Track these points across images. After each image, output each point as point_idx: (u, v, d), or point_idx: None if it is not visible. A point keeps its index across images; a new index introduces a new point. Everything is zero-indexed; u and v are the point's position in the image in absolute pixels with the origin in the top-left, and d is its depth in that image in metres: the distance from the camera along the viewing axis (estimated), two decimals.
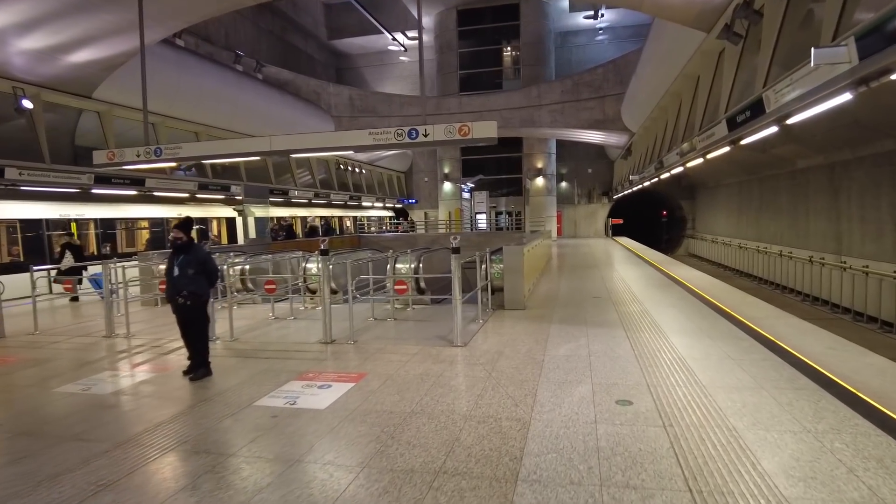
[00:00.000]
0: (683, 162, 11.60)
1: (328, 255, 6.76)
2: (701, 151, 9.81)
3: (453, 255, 6.37)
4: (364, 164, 30.17)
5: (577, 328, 7.22)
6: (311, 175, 25.12)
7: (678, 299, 9.37)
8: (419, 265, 9.44)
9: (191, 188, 16.93)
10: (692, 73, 12.27)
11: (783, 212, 19.22)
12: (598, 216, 34.15)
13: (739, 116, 7.21)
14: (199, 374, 5.55)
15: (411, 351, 6.27)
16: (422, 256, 9.56)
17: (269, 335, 7.61)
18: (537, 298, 9.91)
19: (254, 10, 30.02)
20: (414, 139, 7.88)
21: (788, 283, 17.62)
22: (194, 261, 5.58)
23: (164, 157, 9.19)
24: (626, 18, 32.98)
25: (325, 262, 6.75)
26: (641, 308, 8.55)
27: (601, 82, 23.90)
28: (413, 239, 22.80)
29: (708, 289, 10.37)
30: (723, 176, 25.85)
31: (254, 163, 21.32)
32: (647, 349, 6.02)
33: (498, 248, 9.12)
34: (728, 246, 24.74)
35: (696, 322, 7.37)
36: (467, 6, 30.79)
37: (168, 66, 15.78)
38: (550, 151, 32.21)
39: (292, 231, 20.20)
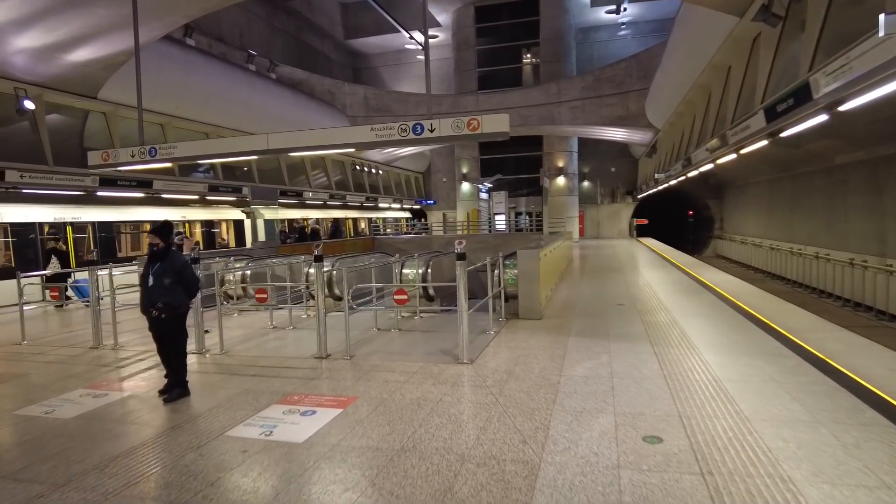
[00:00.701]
0: (714, 158, 10.79)
1: (321, 262, 6.18)
2: (734, 146, 9.01)
3: (458, 261, 5.73)
4: (381, 164, 29.70)
5: (598, 342, 6.52)
6: (327, 176, 24.70)
7: (709, 307, 8.59)
8: (427, 270, 8.82)
9: (201, 190, 16.58)
10: (722, 64, 11.44)
11: (818, 211, 18.15)
12: (622, 216, 33.15)
13: (780, 105, 6.44)
14: (174, 394, 5.01)
15: (411, 368, 5.64)
16: (430, 261, 8.95)
17: (262, 347, 7.06)
18: (555, 306, 9.21)
19: (268, 10, 29.78)
20: (419, 135, 7.27)
21: (825, 286, 16.58)
22: (171, 269, 5.04)
23: (160, 158, 8.72)
24: (650, 13, 31.97)
25: (319, 268, 6.16)
26: (669, 318, 7.81)
27: (623, 77, 23.01)
28: (428, 241, 22.21)
29: (740, 295, 9.55)
30: (752, 174, 24.75)
31: (267, 164, 20.96)
32: (677, 368, 5.31)
33: (512, 252, 8.45)
34: (758, 247, 23.63)
35: (730, 335, 6.61)
36: (485, 2, 30.12)
37: (175, 66, 15.43)
38: (572, 150, 31.35)
39: (305, 233, 19.75)
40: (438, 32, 34.69)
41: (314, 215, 24.61)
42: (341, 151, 25.03)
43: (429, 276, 8.79)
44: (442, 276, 9.11)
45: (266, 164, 21.11)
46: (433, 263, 8.97)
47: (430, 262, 8.87)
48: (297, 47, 32.91)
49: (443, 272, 9.63)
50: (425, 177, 38.29)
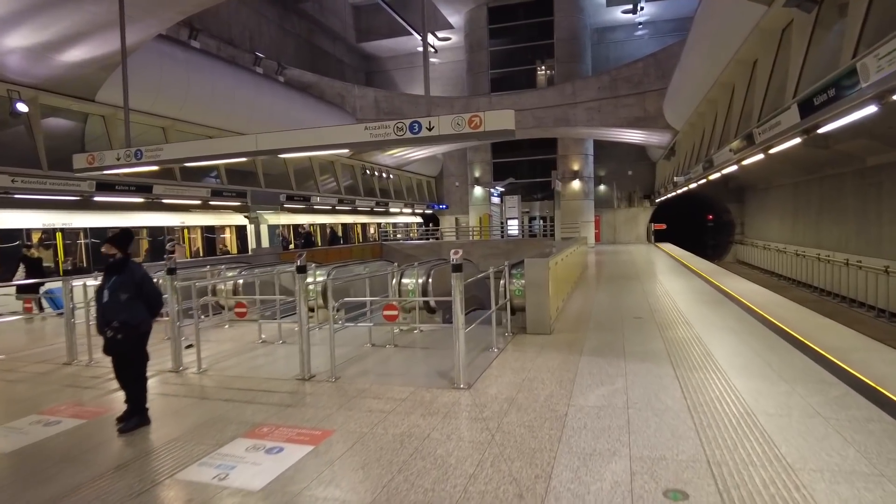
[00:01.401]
0: (738, 159, 10.04)
1: (304, 272, 5.59)
2: (761, 146, 8.27)
3: (454, 273, 5.11)
4: (392, 168, 29.20)
5: (613, 362, 5.84)
6: (336, 181, 24.24)
7: (735, 321, 7.85)
8: (428, 280, 8.21)
9: (203, 194, 16.17)
10: (747, 58, 10.69)
11: (849, 215, 17.21)
12: (640, 221, 32.26)
13: (818, 97, 5.73)
14: (132, 424, 4.45)
15: (401, 394, 5.02)
16: (432, 270, 8.32)
17: (244, 365, 6.49)
18: (567, 318, 8.53)
19: (279, 13, 29.51)
20: (416, 134, 6.68)
21: (857, 295, 15.63)
22: (129, 283, 4.49)
23: (145, 160, 8.24)
24: (668, 12, 31.14)
25: (302, 280, 5.57)
26: (691, 333, 7.09)
27: (641, 77, 22.24)
28: (437, 247, 21.61)
29: (769, 307, 8.78)
30: (775, 176, 23.79)
31: (274, 168, 20.55)
32: (703, 397, 4.62)
33: (519, 260, 7.80)
34: (783, 253, 22.64)
35: (762, 354, 5.89)
36: (498, 3, 29.55)
37: (178, 67, 15.05)
38: (587, 153, 30.58)
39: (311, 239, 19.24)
40: (451, 34, 34.21)
41: (322, 220, 24.16)
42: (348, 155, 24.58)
43: (430, 286, 8.17)
44: (445, 286, 8.43)
45: (273, 168, 20.70)
46: (435, 272, 8.34)
47: (431, 272, 8.26)
48: (308, 50, 32.62)
49: (446, 282, 8.98)
50: (438, 181, 37.73)
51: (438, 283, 8.43)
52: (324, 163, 23.51)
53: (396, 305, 5.69)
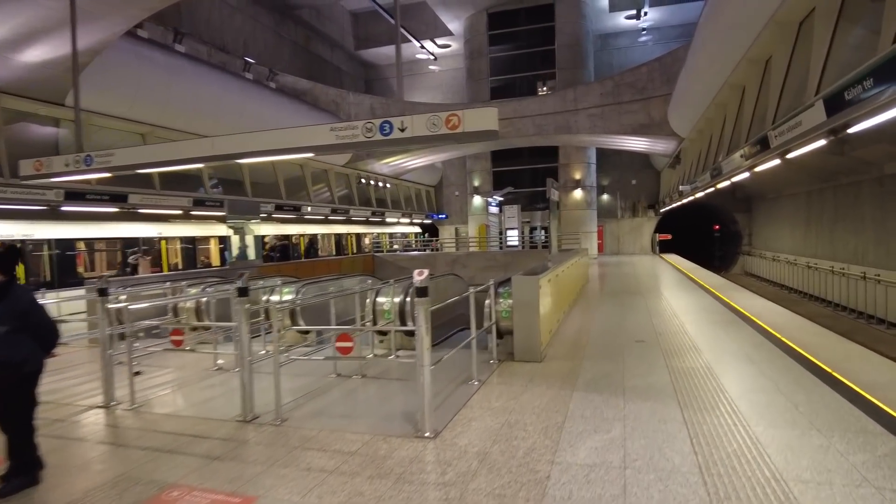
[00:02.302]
0: (751, 166, 9.17)
1: (246, 294, 4.76)
2: (778, 150, 7.42)
3: (418, 298, 4.27)
4: (389, 177, 28.46)
5: (611, 401, 4.97)
6: (329, 190, 23.49)
7: (751, 346, 6.95)
8: (406, 299, 7.36)
9: (184, 204, 15.41)
10: (760, 56, 9.87)
11: (866, 225, 16.29)
12: (644, 231, 31.34)
13: (850, 90, 4.89)
14: (13, 486, 3.61)
15: (352, 445, 4.16)
16: (410, 288, 7.47)
17: (186, 400, 5.66)
18: (563, 341, 7.66)
19: (275, 19, 28.95)
20: (387, 135, 5.87)
21: (876, 311, 14.68)
22: (11, 312, 3.66)
23: (96, 167, 7.47)
24: (673, 17, 30.40)
25: (242, 304, 4.74)
26: (702, 362, 6.21)
27: (645, 83, 21.43)
28: (432, 259, 20.77)
29: (789, 330, 7.89)
30: (786, 185, 22.88)
31: (264, 177, 19.84)
32: (718, 452, 3.75)
33: (507, 278, 6.95)
34: (793, 265, 21.68)
35: (786, 391, 5.01)
36: (498, 8, 28.90)
37: (158, 71, 14.37)
38: (590, 161, 29.75)
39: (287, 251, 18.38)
40: (451, 41, 33.61)
41: (315, 231, 23.39)
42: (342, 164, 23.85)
43: (408, 306, 7.32)
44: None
45: (263, 177, 19.98)
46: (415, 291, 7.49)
47: (409, 289, 7.41)
48: (305, 57, 32.03)
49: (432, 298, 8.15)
50: (437, 190, 36.97)
51: None
52: (317, 171, 22.78)
53: (351, 336, 4.85)
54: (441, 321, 8.69)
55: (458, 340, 7.65)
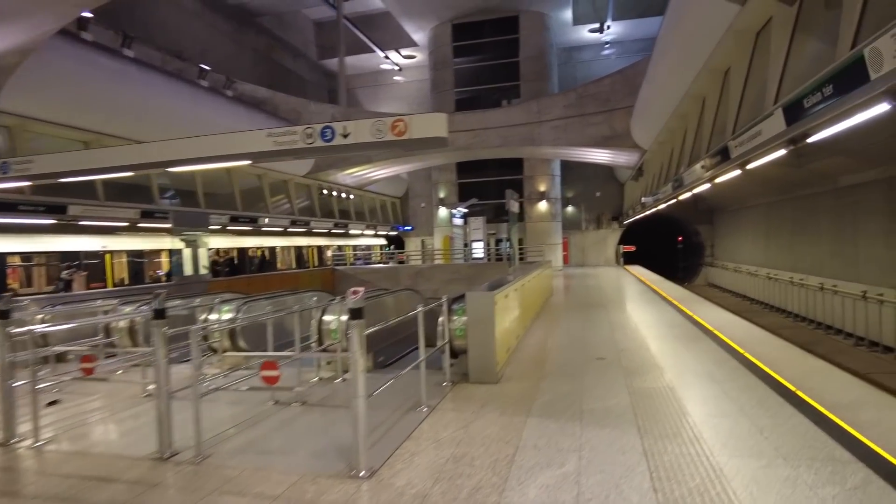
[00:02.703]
0: (711, 177, 9.05)
1: (162, 317, 4.24)
2: (738, 161, 7.26)
3: (351, 321, 3.84)
4: (352, 188, 27.94)
5: (567, 428, 4.61)
6: (289, 201, 22.83)
7: (713, 363, 6.71)
8: None
9: (131, 215, 14.63)
10: (719, 66, 9.81)
11: (823, 237, 16.52)
12: (608, 243, 31.49)
13: (809, 98, 4.70)
14: None
15: (276, 488, 3.68)
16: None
17: (100, 434, 5.09)
18: (522, 359, 7.30)
19: (234, 27, 28.29)
20: (329, 141, 5.45)
21: (834, 322, 14.82)
22: None
23: (13, 175, 6.82)
24: (635, 32, 30.87)
25: (158, 328, 4.22)
26: (664, 382, 5.92)
27: (609, 95, 21.52)
28: (394, 272, 20.29)
29: (749, 343, 7.70)
30: (746, 197, 23.22)
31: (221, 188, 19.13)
32: (680, 489, 3.41)
33: (461, 294, 6.56)
34: (755, 276, 21.94)
35: (750, 414, 4.73)
36: (463, 20, 28.81)
37: (101, 76, 13.66)
38: (554, 173, 29.79)
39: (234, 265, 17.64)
40: (415, 52, 33.44)
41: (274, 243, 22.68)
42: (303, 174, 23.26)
43: None
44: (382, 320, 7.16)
45: (219, 187, 19.27)
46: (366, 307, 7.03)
47: None
48: (267, 66, 31.39)
49: (383, 315, 7.72)
50: (403, 202, 36.58)
51: (371, 318, 7.13)
52: (276, 182, 22.13)
53: (277, 364, 4.37)
54: (397, 338, 8.26)
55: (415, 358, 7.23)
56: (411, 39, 31.73)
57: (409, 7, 28.02)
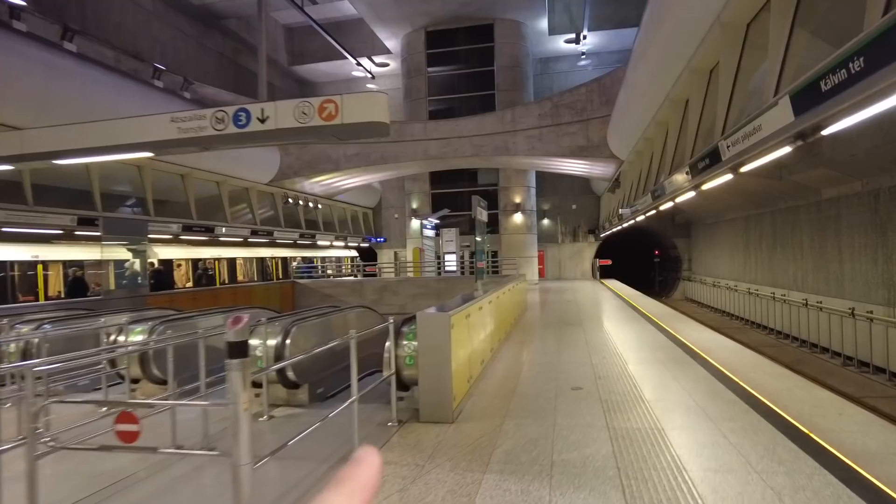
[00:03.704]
0: (698, 183, 8.20)
1: None
2: (732, 163, 6.41)
3: (231, 360, 2.77)
4: (320, 197, 26.76)
5: (533, 491, 3.60)
6: (251, 210, 21.58)
7: (707, 396, 5.78)
8: (285, 342, 5.81)
9: (66, 223, 13.30)
10: (704, 65, 9.04)
11: (805, 252, 15.93)
12: (585, 256, 30.80)
13: (829, 79, 3.83)
14: None
15: None
16: (293, 327, 5.94)
17: None
18: (484, 391, 6.28)
19: (199, 29, 27.07)
20: (243, 127, 4.44)
21: (820, 340, 14.14)
22: None
23: None
24: (612, 43, 30.44)
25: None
26: (651, 422, 4.96)
27: (584, 104, 20.85)
28: (359, 286, 19.13)
29: (744, 370, 6.81)
30: (724, 210, 22.73)
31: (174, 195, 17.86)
32: None
33: (410, 315, 5.53)
34: (734, 291, 21.35)
35: (764, 473, 3.78)
36: (437, 27, 28.06)
37: (30, 68, 12.41)
38: (530, 185, 29.04)
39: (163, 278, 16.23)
40: (389, 60, 32.57)
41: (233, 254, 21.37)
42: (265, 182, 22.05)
43: (287, 349, 5.77)
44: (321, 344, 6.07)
45: (174, 195, 17.99)
46: (298, 330, 5.96)
47: (291, 329, 5.87)
48: (234, 71, 30.16)
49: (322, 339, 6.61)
50: (376, 212, 35.49)
51: (306, 342, 6.06)
52: (236, 189, 20.88)
53: (137, 417, 3.29)
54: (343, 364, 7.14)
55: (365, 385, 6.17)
56: (384, 46, 30.88)
57: (382, 13, 27.18)
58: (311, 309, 7.73)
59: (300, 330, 6.00)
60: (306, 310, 7.62)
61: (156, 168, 16.68)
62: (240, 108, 4.45)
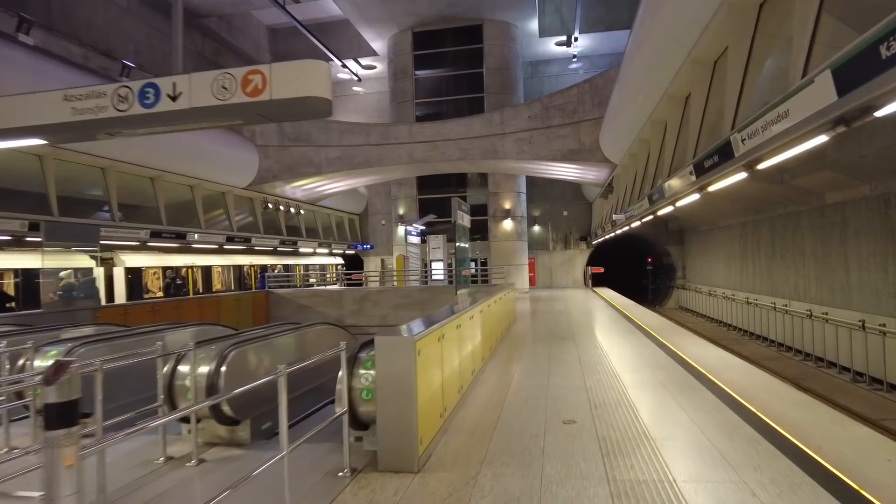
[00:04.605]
0: (704, 185, 7.34)
1: None
2: (746, 160, 5.55)
3: (47, 431, 1.82)
4: (302, 203, 25.79)
5: None
6: (227, 215, 20.56)
7: (724, 433, 4.89)
8: (220, 369, 4.85)
9: (16, 228, 12.27)
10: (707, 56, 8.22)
11: (807, 259, 15.15)
12: (576, 263, 29.98)
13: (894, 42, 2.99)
14: None
15: None
16: (230, 352, 4.98)
17: None
18: (461, 427, 5.35)
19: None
20: (151, 106, 3.59)
21: (826, 354, 13.33)
22: None
23: None
24: (603, 46, 29.81)
25: None
26: (660, 469, 4.06)
27: (576, 105, 20.08)
28: (338, 296, 18.13)
29: (763, 399, 5.92)
30: (719, 217, 22.00)
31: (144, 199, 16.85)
32: None
33: (369, 339, 4.59)
34: (731, 300, 20.56)
35: None
36: (424, 28, 27.27)
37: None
38: (520, 191, 28.23)
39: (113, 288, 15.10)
40: (376, 62, 31.75)
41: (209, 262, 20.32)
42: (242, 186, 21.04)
43: (222, 378, 4.81)
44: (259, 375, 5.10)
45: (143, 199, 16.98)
46: (236, 355, 5.01)
47: (228, 355, 4.91)
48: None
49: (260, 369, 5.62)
50: (363, 218, 34.54)
51: (250, 369, 5.11)
52: (211, 194, 19.86)
53: None
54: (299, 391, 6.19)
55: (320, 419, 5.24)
56: (370, 48, 30.06)
57: (368, 13, 26.37)
58: (266, 326, 6.77)
59: (241, 355, 5.05)
60: (260, 328, 6.66)
61: (121, 171, 15.68)
62: (147, 84, 3.54)
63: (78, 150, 14.17)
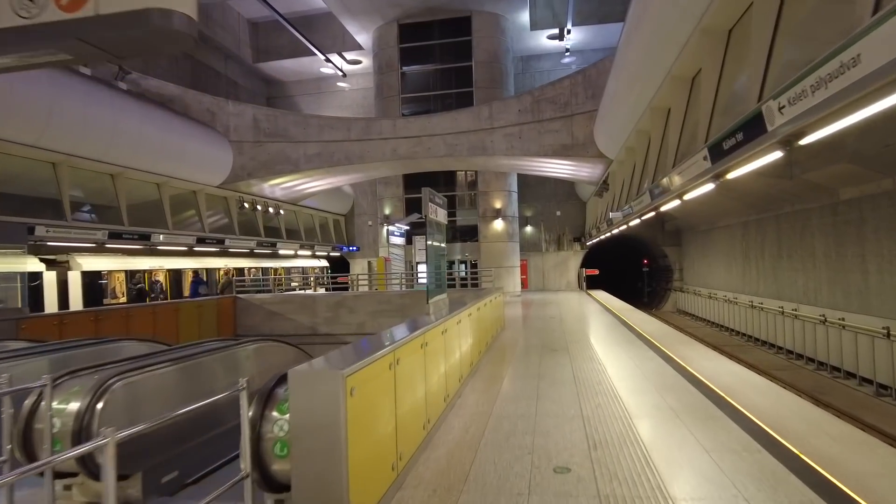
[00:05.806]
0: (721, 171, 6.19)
1: None
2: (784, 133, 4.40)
3: None
4: (283, 203, 24.53)
5: None
6: (199, 215, 19.29)
7: (761, 483, 3.72)
8: (96, 405, 3.63)
9: None
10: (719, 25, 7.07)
11: (818, 261, 14.06)
12: (570, 265, 28.84)
13: None
14: None
15: None
16: (114, 384, 3.75)
17: None
18: (421, 478, 4.15)
19: None
20: None
21: (843, 364, 12.23)
22: None
23: None
24: (596, 39, 28.74)
25: None
26: None
27: (568, 98, 18.96)
28: (311, 302, 16.86)
29: (802, 434, 4.77)
30: (719, 216, 20.93)
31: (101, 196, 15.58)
32: None
33: (282, 374, 3.38)
34: (733, 304, 19.47)
35: None
36: (411, 20, 26.10)
37: None
38: (511, 189, 27.07)
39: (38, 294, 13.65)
40: (361, 57, 30.57)
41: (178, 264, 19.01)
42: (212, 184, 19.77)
43: (97, 418, 3.59)
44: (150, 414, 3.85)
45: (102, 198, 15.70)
46: (122, 388, 3.79)
47: (109, 388, 3.70)
48: (190, 67, 27.95)
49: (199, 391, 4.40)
50: (348, 220, 33.31)
51: (134, 408, 3.89)
52: (181, 193, 18.59)
53: None
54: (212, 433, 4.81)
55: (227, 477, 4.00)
56: (355, 42, 28.87)
57: (352, 4, 25.15)
58: (195, 343, 5.52)
59: (129, 388, 3.82)
60: (179, 347, 5.42)
61: (75, 166, 14.40)
62: None
63: (24, 144, 12.92)
